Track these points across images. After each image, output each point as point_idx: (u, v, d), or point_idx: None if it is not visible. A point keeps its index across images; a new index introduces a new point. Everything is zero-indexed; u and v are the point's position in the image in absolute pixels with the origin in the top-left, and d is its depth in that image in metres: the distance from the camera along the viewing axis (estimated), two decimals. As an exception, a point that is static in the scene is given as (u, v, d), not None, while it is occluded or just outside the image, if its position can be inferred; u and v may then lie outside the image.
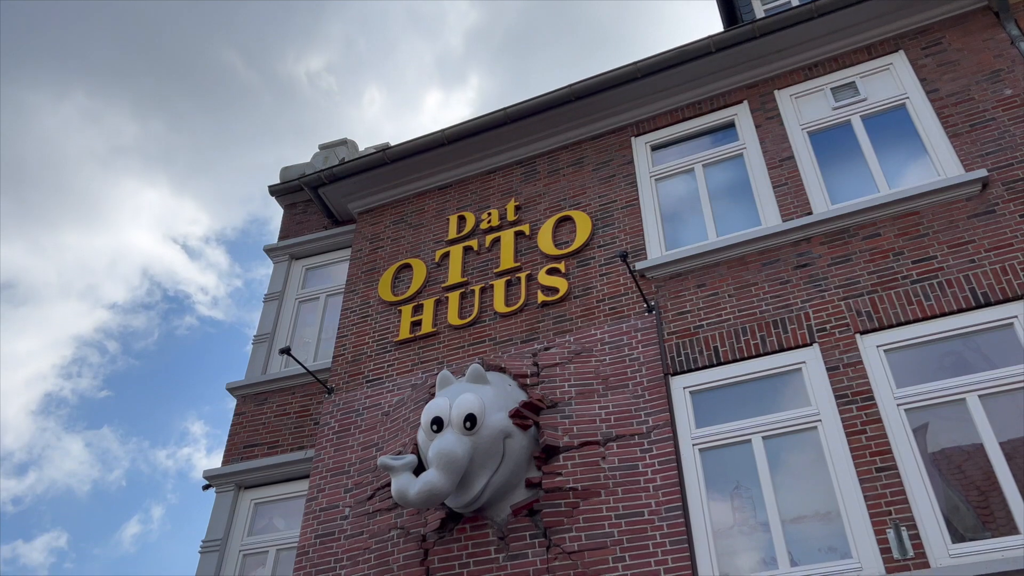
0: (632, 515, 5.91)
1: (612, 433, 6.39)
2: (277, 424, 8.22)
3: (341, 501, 7.05)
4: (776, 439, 5.97)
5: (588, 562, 5.82)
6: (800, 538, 5.52)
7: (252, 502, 7.82)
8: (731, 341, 6.52)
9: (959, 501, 5.28)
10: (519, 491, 6.36)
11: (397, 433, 7.21)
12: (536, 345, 7.27)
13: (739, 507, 5.88)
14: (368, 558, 6.58)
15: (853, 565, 5.17)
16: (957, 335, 5.85)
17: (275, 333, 9.08)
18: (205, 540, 7.58)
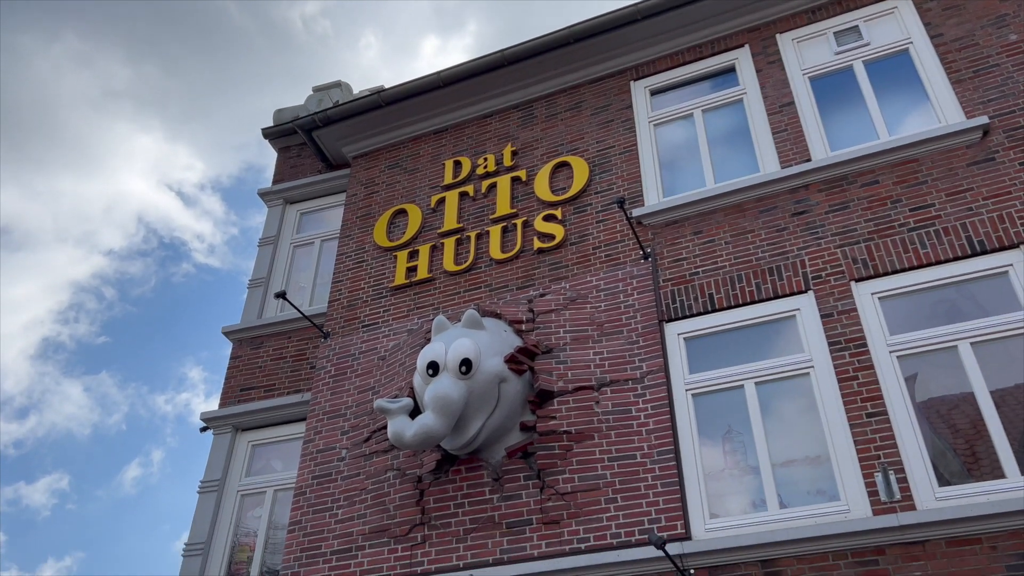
0: (624, 458, 6.00)
1: (606, 378, 6.44)
2: (273, 368, 8.27)
3: (338, 443, 7.14)
4: (768, 385, 6.03)
5: (581, 503, 5.93)
6: (789, 481, 5.62)
7: (249, 444, 7.92)
8: (726, 288, 6.53)
9: (947, 447, 5.37)
10: (514, 434, 6.44)
11: (393, 377, 7.26)
12: (532, 292, 7.27)
13: (730, 451, 5.96)
14: (364, 498, 6.69)
15: (841, 507, 5.28)
16: (952, 283, 5.87)
17: (270, 278, 9.07)
18: (203, 480, 7.69)
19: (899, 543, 4.96)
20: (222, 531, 7.40)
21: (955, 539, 4.86)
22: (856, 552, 5.03)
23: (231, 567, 7.30)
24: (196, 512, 7.48)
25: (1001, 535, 4.77)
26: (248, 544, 7.39)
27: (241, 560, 7.32)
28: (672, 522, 5.59)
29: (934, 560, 4.84)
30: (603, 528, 5.77)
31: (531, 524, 6.00)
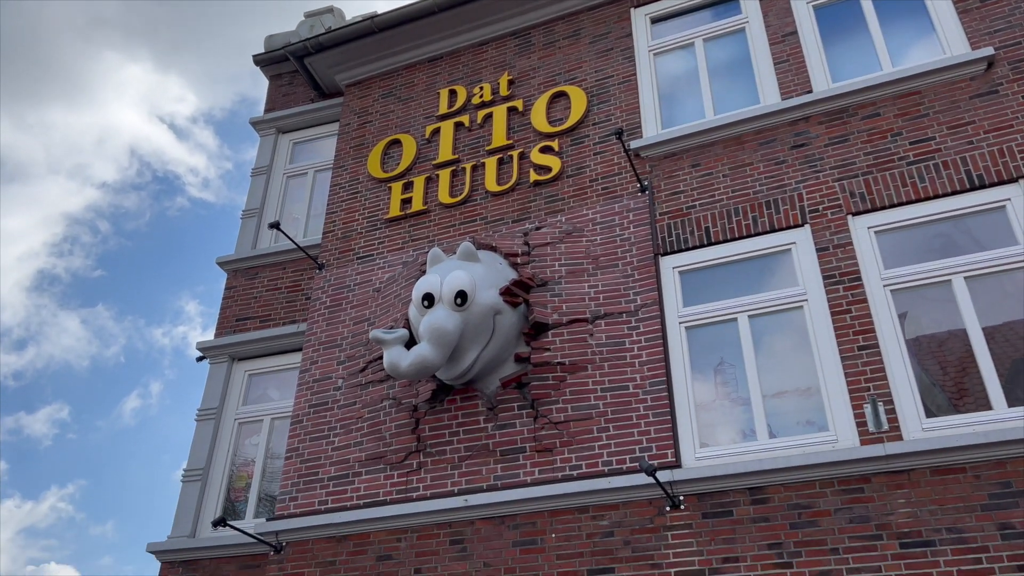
0: (617, 388, 6.07)
1: (600, 311, 6.47)
2: (268, 298, 8.28)
3: (334, 373, 7.20)
4: (762, 318, 6.06)
5: (573, 432, 6.02)
6: (779, 412, 5.71)
7: (246, 373, 7.98)
8: (723, 222, 6.50)
9: (935, 381, 5.44)
10: (508, 365, 6.50)
11: (388, 309, 7.28)
12: (527, 225, 7.24)
13: (721, 383, 6.04)
14: (361, 426, 6.78)
15: (829, 437, 5.37)
16: (949, 217, 5.86)
17: (263, 208, 9.00)
18: (201, 408, 7.78)
19: (885, 472, 5.06)
20: (220, 458, 7.52)
21: (940, 468, 4.96)
22: (842, 480, 5.14)
23: (230, 493, 7.44)
24: (194, 440, 7.59)
25: (985, 465, 4.88)
26: (246, 471, 7.52)
27: (239, 486, 7.47)
28: (663, 451, 5.70)
29: (918, 488, 4.95)
30: (595, 456, 5.88)
31: (524, 452, 6.10)
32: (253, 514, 7.18)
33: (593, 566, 5.47)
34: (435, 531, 6.04)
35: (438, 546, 5.96)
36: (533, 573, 5.59)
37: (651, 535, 5.44)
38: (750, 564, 5.11)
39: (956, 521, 4.79)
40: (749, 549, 5.16)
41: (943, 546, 4.75)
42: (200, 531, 7.13)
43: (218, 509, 7.25)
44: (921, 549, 4.79)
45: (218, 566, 6.85)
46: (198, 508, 7.22)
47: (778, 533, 5.14)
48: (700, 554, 5.26)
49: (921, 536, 4.82)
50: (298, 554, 6.34)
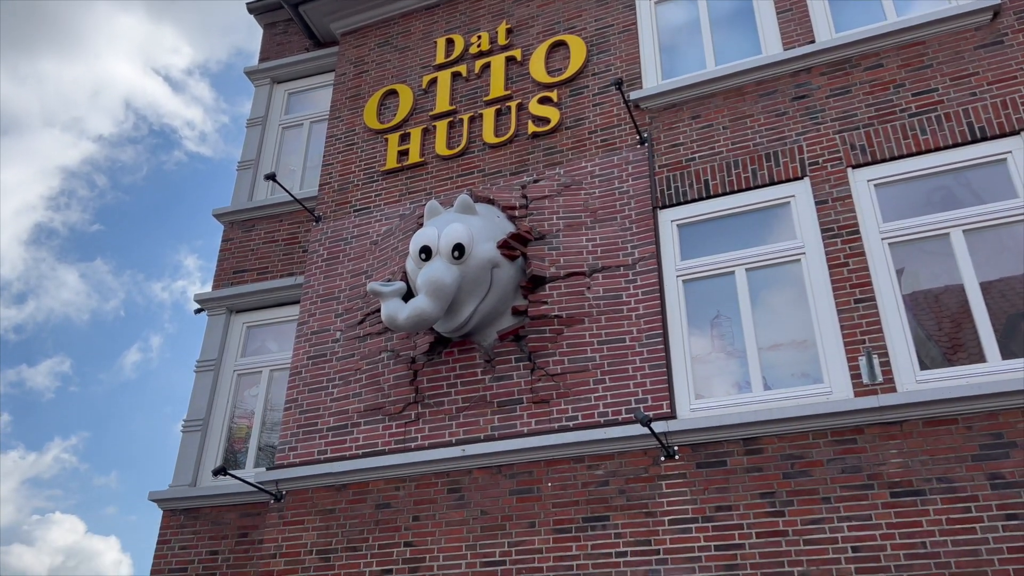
0: (614, 341, 6.10)
1: (598, 264, 6.46)
2: (266, 251, 8.26)
3: (332, 325, 7.22)
4: (759, 271, 6.07)
5: (570, 383, 6.07)
6: (774, 364, 5.75)
7: (244, 325, 8.00)
8: (722, 174, 6.46)
9: (931, 334, 5.46)
10: (505, 318, 6.52)
11: (386, 262, 7.27)
12: (525, 177, 7.18)
13: (717, 335, 6.07)
14: (359, 378, 6.83)
15: (823, 389, 5.42)
16: (949, 170, 5.82)
17: (259, 159, 8.92)
18: (199, 360, 7.81)
19: (878, 423, 5.12)
20: (219, 409, 7.58)
21: (932, 420, 5.02)
22: (836, 431, 5.20)
23: (229, 443, 7.52)
24: (193, 391, 7.64)
25: (977, 416, 4.93)
26: (246, 422, 7.59)
27: (239, 437, 7.55)
28: (658, 402, 5.75)
29: (910, 439, 5.01)
30: (591, 407, 5.94)
31: (521, 403, 6.16)
32: (253, 464, 7.27)
33: (588, 514, 5.56)
34: (433, 480, 6.12)
35: (436, 494, 6.05)
36: (529, 521, 5.69)
37: (645, 484, 5.52)
38: (743, 513, 5.20)
39: (947, 471, 4.86)
40: (742, 498, 5.24)
41: (933, 495, 4.83)
42: (201, 480, 7.22)
43: (218, 459, 7.34)
44: (911, 498, 4.86)
45: (219, 514, 6.96)
46: (199, 458, 7.30)
47: (771, 483, 5.22)
48: (694, 503, 5.34)
49: (912, 486, 4.89)
50: (298, 502, 6.44)
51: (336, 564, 6.08)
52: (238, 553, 6.74)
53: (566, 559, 5.47)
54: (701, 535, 5.23)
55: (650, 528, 5.37)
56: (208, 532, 6.91)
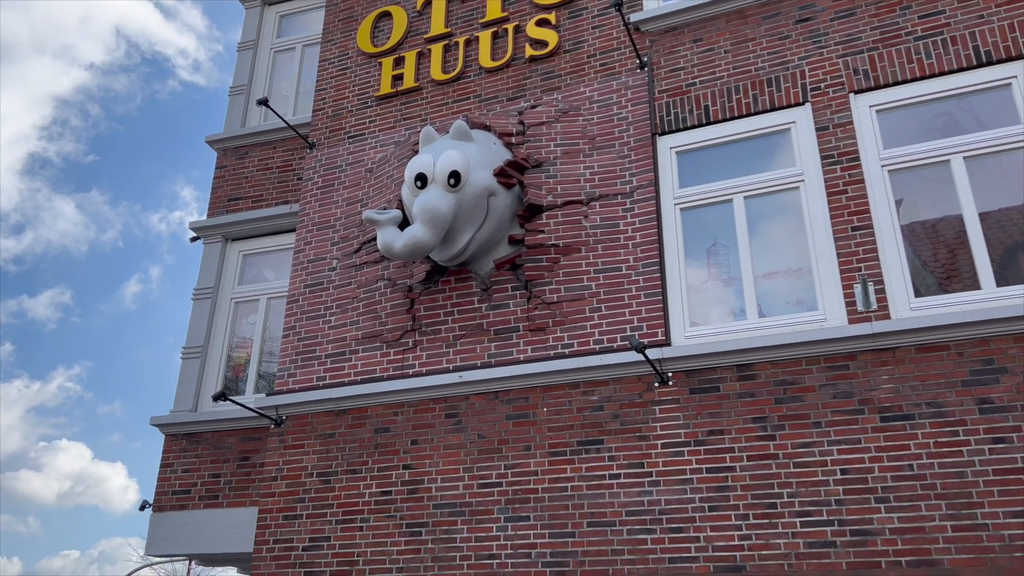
0: (610, 270, 6.10)
1: (595, 193, 6.41)
2: (260, 178, 8.17)
3: (328, 254, 7.21)
4: (757, 199, 6.03)
5: (566, 312, 6.10)
6: (770, 292, 5.76)
7: (240, 253, 7.98)
8: (722, 100, 6.35)
9: (928, 262, 5.46)
10: (502, 247, 6.51)
11: (381, 190, 7.20)
12: (522, 103, 7.06)
13: (714, 264, 6.07)
14: (357, 306, 6.85)
15: (818, 317, 5.45)
16: (953, 95, 5.72)
17: (251, 84, 8.74)
18: (197, 288, 7.82)
19: (870, 350, 5.17)
20: (218, 336, 7.63)
21: (924, 346, 5.06)
22: (828, 358, 5.26)
23: (229, 371, 7.60)
24: (192, 318, 7.67)
25: (969, 343, 4.98)
26: (244, 349, 7.65)
27: (238, 363, 7.62)
28: (653, 330, 5.79)
29: (902, 365, 5.07)
30: (586, 335, 5.98)
31: (518, 331, 6.20)
32: (253, 391, 7.36)
33: (583, 438, 5.67)
34: (431, 405, 6.21)
35: (434, 419, 6.15)
36: (525, 444, 5.80)
37: (639, 409, 5.60)
38: (734, 436, 5.29)
39: (936, 396, 4.93)
40: (734, 423, 5.33)
41: (922, 420, 4.91)
42: (201, 406, 7.32)
43: (218, 385, 7.42)
44: (901, 423, 4.95)
45: (221, 439, 7.08)
46: (198, 384, 7.39)
47: (763, 408, 5.30)
48: (686, 427, 5.44)
49: (902, 410, 4.97)
50: (298, 427, 6.54)
51: (336, 486, 6.22)
52: (240, 476, 6.89)
53: (561, 481, 5.60)
54: (693, 458, 5.34)
55: (643, 451, 5.47)
56: (210, 456, 7.04)
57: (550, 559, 5.41)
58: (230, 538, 6.64)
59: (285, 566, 6.10)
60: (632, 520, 5.32)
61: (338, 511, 6.14)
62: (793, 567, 4.85)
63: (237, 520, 6.71)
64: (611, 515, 5.38)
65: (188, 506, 6.95)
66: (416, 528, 5.85)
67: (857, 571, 4.71)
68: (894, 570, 4.64)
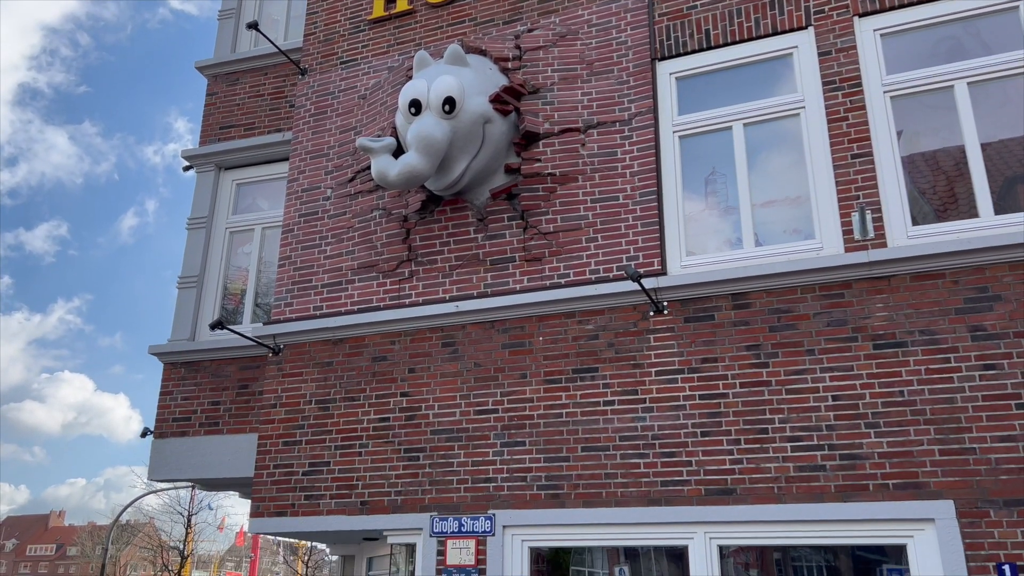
0: (607, 199, 6.06)
1: (593, 120, 6.31)
2: (252, 105, 8.03)
3: (322, 183, 7.14)
4: (757, 126, 5.94)
5: (562, 242, 6.07)
6: (767, 221, 5.73)
7: (234, 182, 7.90)
8: (724, 23, 6.19)
9: (927, 191, 5.42)
10: (498, 176, 6.44)
11: (375, 117, 7.08)
12: (519, 27, 6.88)
13: (712, 192, 6.02)
14: (352, 236, 6.82)
15: (814, 245, 5.44)
16: (959, 18, 5.57)
17: (241, 8, 8.50)
18: (191, 217, 7.77)
19: (866, 278, 5.17)
20: (213, 266, 7.62)
21: (920, 274, 5.06)
22: (824, 286, 5.26)
23: (225, 301, 7.61)
24: (187, 248, 7.65)
25: (964, 271, 4.98)
26: (240, 279, 7.65)
27: (235, 293, 7.62)
28: (649, 259, 5.78)
29: (897, 293, 5.08)
30: (583, 265, 5.97)
31: (514, 261, 6.19)
32: (250, 320, 7.39)
33: (578, 366, 5.72)
34: (428, 335, 6.25)
35: (431, 348, 6.20)
36: (521, 372, 5.85)
37: (634, 338, 5.64)
38: (728, 364, 5.34)
39: (930, 324, 4.96)
40: (728, 350, 5.37)
41: (914, 347, 4.95)
42: (199, 335, 7.36)
43: (215, 314, 7.44)
44: (893, 350, 4.99)
45: (219, 367, 7.14)
46: (195, 314, 7.41)
47: (757, 336, 5.33)
48: (680, 355, 5.48)
49: (895, 338, 5.01)
50: (296, 356, 6.59)
51: (335, 413, 6.30)
52: (239, 403, 6.97)
53: (556, 407, 5.67)
54: (686, 385, 5.40)
55: (637, 379, 5.53)
56: (209, 384, 7.12)
57: (545, 482, 5.52)
58: (231, 463, 6.77)
59: (286, 490, 6.23)
60: (625, 445, 5.41)
61: (337, 437, 6.23)
62: (782, 490, 4.96)
63: (237, 446, 6.82)
64: (605, 440, 5.47)
65: (189, 433, 7.05)
66: (414, 453, 5.96)
67: (845, 493, 4.82)
68: (881, 492, 4.75)
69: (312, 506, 6.11)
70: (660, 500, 5.21)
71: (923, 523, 4.64)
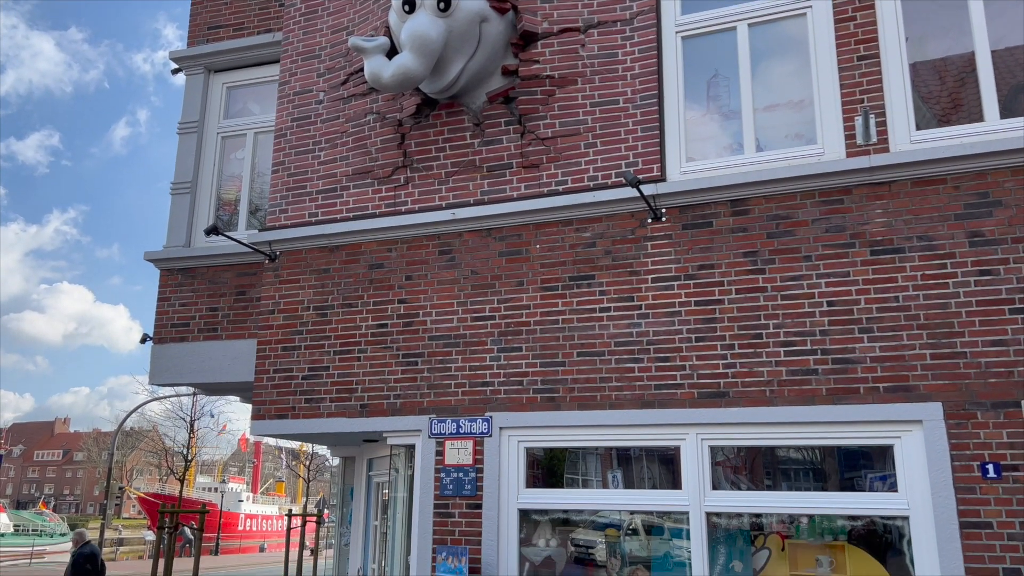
0: (607, 103, 5.93)
1: (593, 19, 6.11)
2: (240, 4, 7.75)
3: (315, 86, 6.96)
4: (762, 27, 5.76)
5: (561, 147, 5.98)
6: (769, 126, 5.63)
7: (224, 86, 7.71)
8: (731, -83, 5.91)
9: (932, 93, 5.30)
10: (495, 78, 6.28)
11: (367, 16, 6.85)
12: (517, -81, 6.57)
13: (714, 96, 5.89)
14: (346, 141, 6.71)
15: (816, 150, 5.36)
16: (978, -89, 5.33)
17: (224, -101, 8.09)
18: (181, 122, 7.61)
19: (867, 184, 5.12)
20: (206, 172, 7.51)
21: (921, 180, 5.02)
22: (824, 192, 5.22)
23: (220, 208, 7.54)
24: (178, 153, 7.52)
25: (966, 176, 4.93)
26: (234, 186, 7.56)
27: (229, 201, 7.54)
28: (649, 165, 5.70)
29: (897, 199, 5.04)
30: (581, 171, 5.90)
31: (511, 168, 6.11)
32: (245, 227, 7.34)
33: (575, 273, 5.72)
34: (424, 242, 6.22)
35: (427, 256, 6.18)
36: (518, 280, 5.86)
37: (631, 245, 5.62)
38: (724, 271, 5.35)
39: (928, 230, 4.95)
40: (725, 257, 5.37)
41: (912, 253, 4.95)
42: (195, 241, 7.32)
43: (209, 220, 7.38)
44: (890, 256, 4.99)
45: (216, 274, 7.14)
46: (190, 220, 7.35)
47: (755, 242, 5.32)
48: (677, 262, 5.48)
49: (892, 244, 5.00)
50: (293, 262, 6.58)
51: (333, 319, 6.34)
52: (237, 310, 7.00)
53: (552, 314, 5.71)
54: (682, 292, 5.43)
55: (633, 286, 5.55)
56: (207, 290, 7.13)
57: (541, 386, 5.61)
58: (230, 368, 6.85)
59: (286, 393, 6.33)
60: (620, 350, 5.47)
61: (336, 342, 6.29)
62: (774, 393, 5.05)
63: (236, 351, 6.89)
64: (600, 346, 5.53)
65: (188, 338, 7.11)
66: (412, 358, 6.02)
67: (836, 396, 4.91)
68: (872, 395, 4.84)
69: (312, 409, 6.22)
70: (653, 403, 5.31)
71: (911, 424, 4.75)
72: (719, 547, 5.16)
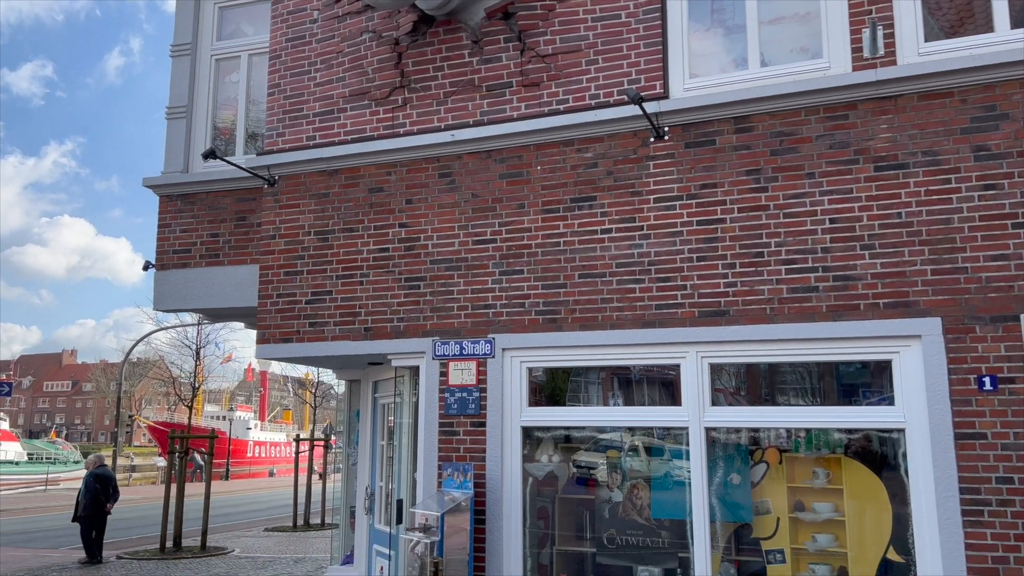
0: (608, 18, 5.78)
1: (594, -70, 5.90)
2: (228, -80, 7.48)
3: (308, 4, 6.77)
4: (769, -64, 5.56)
5: (561, 65, 5.86)
6: (774, 40, 5.50)
7: (216, 6, 7.50)
8: None
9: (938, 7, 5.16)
10: (493, -6, 6.10)
11: (361, -70, 6.61)
12: None
13: (718, 9, 5.73)
14: (342, 62, 6.57)
15: (821, 65, 5.25)
16: None
17: None
18: (174, 44, 7.44)
19: (872, 98, 5.04)
20: (201, 96, 7.38)
21: (927, 93, 4.93)
22: (828, 107, 5.14)
23: (217, 133, 7.44)
24: (172, 77, 7.38)
25: (973, 89, 4.84)
26: (230, 110, 7.44)
27: (225, 126, 7.44)
28: (652, 82, 5.60)
29: (903, 114, 4.96)
30: (582, 90, 5.79)
31: (511, 87, 6.00)
32: (242, 152, 7.26)
33: (576, 195, 5.69)
34: (423, 165, 6.16)
35: (427, 179, 6.14)
36: (519, 202, 5.83)
37: (634, 165, 5.57)
38: (727, 189, 5.31)
39: (933, 145, 4.89)
40: (728, 175, 5.33)
41: (916, 168, 4.90)
42: (193, 167, 7.25)
43: (207, 145, 7.30)
44: (894, 171, 4.95)
45: (215, 199, 7.10)
46: (187, 145, 7.27)
47: (758, 160, 5.26)
48: (680, 181, 5.44)
49: (896, 159, 4.95)
50: (292, 187, 6.54)
51: (335, 244, 6.34)
52: (238, 235, 6.99)
53: (554, 236, 5.70)
54: (684, 211, 5.40)
55: (635, 206, 5.52)
56: (207, 216, 7.10)
57: (543, 307, 5.65)
58: (233, 294, 6.89)
59: (290, 317, 6.38)
60: (621, 271, 5.48)
61: (338, 267, 6.31)
62: (775, 310, 5.08)
63: (239, 277, 6.91)
64: (601, 267, 5.54)
65: (190, 264, 7.12)
66: (414, 282, 6.05)
67: (836, 313, 4.94)
68: (872, 311, 4.87)
69: (317, 332, 6.28)
70: (654, 322, 5.35)
71: (910, 339, 4.79)
72: (718, 462, 5.28)
